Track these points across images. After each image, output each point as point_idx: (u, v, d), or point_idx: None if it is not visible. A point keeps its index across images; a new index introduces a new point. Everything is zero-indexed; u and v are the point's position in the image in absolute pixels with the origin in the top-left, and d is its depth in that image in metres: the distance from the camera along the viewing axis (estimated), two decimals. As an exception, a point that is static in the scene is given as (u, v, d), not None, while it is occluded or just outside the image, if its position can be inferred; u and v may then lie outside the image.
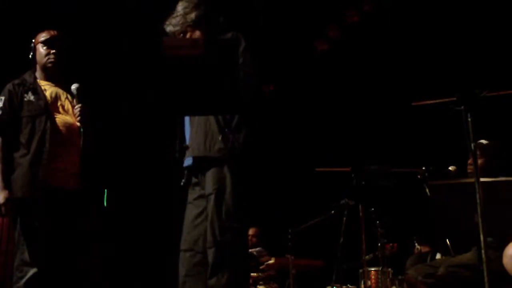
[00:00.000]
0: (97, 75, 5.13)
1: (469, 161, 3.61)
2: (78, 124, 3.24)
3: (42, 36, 3.34)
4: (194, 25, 2.94)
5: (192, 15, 2.94)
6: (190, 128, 2.92)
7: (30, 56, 3.36)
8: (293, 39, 6.45)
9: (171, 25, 2.98)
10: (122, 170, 6.03)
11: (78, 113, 3.23)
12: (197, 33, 2.95)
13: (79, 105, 3.25)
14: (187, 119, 2.97)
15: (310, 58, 6.57)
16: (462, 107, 2.35)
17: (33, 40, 3.36)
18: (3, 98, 3.24)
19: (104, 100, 3.51)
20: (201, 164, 2.83)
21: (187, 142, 2.93)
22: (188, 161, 2.90)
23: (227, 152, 2.74)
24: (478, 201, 2.24)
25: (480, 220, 2.21)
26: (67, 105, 3.33)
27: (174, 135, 3.03)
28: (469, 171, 3.61)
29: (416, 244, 5.14)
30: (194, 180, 2.95)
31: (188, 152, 2.90)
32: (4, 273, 4.47)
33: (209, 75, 2.16)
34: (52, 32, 3.34)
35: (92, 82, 3.55)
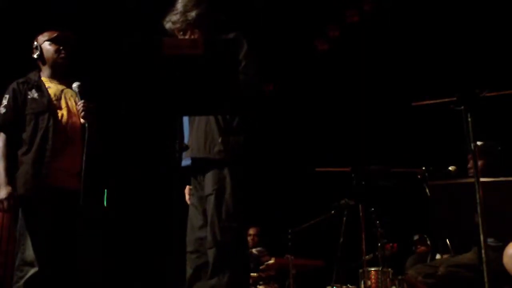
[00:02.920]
0: (98, 75, 5.14)
1: (469, 165, 3.61)
2: (82, 121, 3.24)
3: (47, 35, 3.34)
4: (195, 23, 2.91)
5: (193, 13, 2.91)
6: (190, 128, 2.91)
7: (36, 56, 3.36)
8: (293, 38, 6.45)
9: (171, 22, 2.94)
10: (122, 169, 6.03)
11: (81, 108, 3.22)
12: (197, 32, 2.93)
13: (82, 101, 3.25)
14: (186, 118, 2.96)
15: (310, 58, 6.57)
16: (462, 107, 2.35)
17: (35, 42, 3.37)
18: (7, 96, 3.25)
19: (105, 99, 3.51)
20: (201, 165, 2.83)
21: (186, 141, 2.92)
22: (186, 161, 2.90)
23: (227, 154, 2.74)
24: (478, 201, 2.24)
25: (480, 220, 2.21)
26: (72, 103, 3.33)
27: (174, 135, 3.03)
28: (470, 175, 3.61)
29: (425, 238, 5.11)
30: (194, 181, 2.95)
31: (186, 152, 2.89)
32: (4, 273, 4.47)
33: (209, 75, 2.16)
34: (56, 32, 3.35)
35: (93, 81, 3.54)
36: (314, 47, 6.59)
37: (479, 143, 3.64)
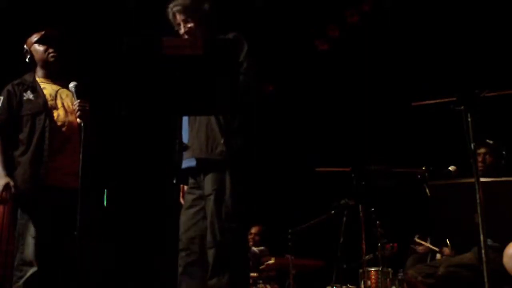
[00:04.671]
0: (96, 74, 5.13)
1: (480, 159, 3.61)
2: (78, 121, 3.23)
3: (34, 37, 3.35)
4: (204, 16, 2.90)
5: (206, 5, 2.90)
6: (189, 128, 2.90)
7: (27, 60, 3.36)
8: (293, 38, 6.45)
9: (181, 6, 2.88)
10: (121, 169, 6.03)
11: (77, 108, 3.22)
12: (201, 26, 2.90)
13: (78, 100, 3.24)
14: (185, 118, 2.95)
15: (310, 58, 6.57)
16: (462, 107, 2.35)
17: (25, 46, 3.37)
18: (1, 98, 3.26)
19: (103, 99, 3.50)
20: (202, 166, 2.82)
21: (186, 141, 2.92)
22: (189, 163, 2.89)
23: (228, 154, 2.73)
24: (478, 201, 2.24)
25: (480, 220, 2.21)
26: (67, 103, 3.33)
27: (174, 135, 3.03)
28: (480, 169, 3.62)
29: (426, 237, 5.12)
30: (191, 180, 2.94)
31: (188, 153, 2.88)
32: (4, 273, 4.47)
33: (209, 75, 2.16)
34: (42, 32, 3.35)
35: (91, 81, 3.54)
36: (315, 47, 6.59)
37: (490, 141, 3.67)
